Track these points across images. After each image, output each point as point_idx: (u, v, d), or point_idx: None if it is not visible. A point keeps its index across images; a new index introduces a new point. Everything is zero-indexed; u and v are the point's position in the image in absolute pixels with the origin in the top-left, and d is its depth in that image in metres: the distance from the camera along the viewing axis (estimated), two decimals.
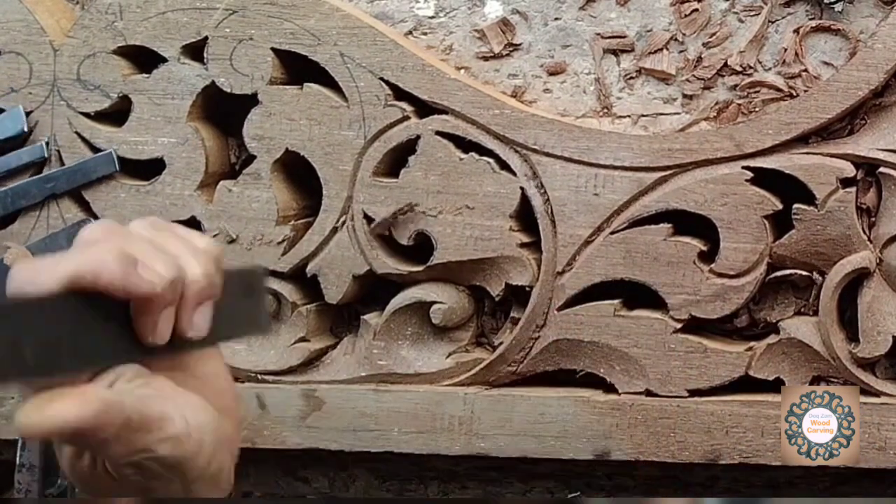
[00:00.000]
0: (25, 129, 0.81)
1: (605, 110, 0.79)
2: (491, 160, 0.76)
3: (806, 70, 0.75)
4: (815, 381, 0.75)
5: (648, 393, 0.76)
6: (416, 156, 0.77)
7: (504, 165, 0.76)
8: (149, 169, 0.81)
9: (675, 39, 0.77)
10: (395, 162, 0.78)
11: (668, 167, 0.74)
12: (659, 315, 0.75)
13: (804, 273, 0.74)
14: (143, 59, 0.81)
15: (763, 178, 0.74)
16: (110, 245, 0.48)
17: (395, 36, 0.79)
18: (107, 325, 0.48)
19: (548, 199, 0.76)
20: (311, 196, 0.81)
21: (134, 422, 0.45)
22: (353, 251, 0.78)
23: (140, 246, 0.48)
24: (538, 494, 0.86)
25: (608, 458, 0.76)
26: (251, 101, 0.79)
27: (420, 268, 0.77)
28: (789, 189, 0.74)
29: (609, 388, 0.77)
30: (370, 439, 0.78)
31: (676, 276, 0.75)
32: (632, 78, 0.78)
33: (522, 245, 0.77)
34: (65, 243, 0.81)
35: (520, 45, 0.80)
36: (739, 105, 0.76)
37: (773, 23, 0.76)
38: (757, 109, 0.76)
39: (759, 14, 0.76)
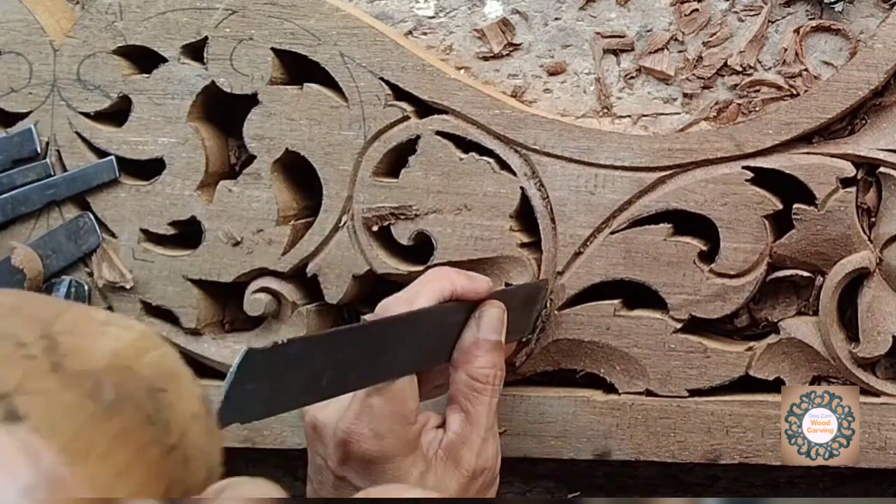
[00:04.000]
0: (39, 151, 0.81)
1: (605, 110, 0.79)
2: (491, 160, 0.76)
3: (806, 70, 0.75)
4: (815, 381, 0.75)
5: (648, 393, 0.76)
6: (416, 156, 0.77)
7: (504, 165, 0.76)
8: (149, 169, 0.81)
9: (675, 39, 0.77)
10: (395, 162, 0.78)
11: (668, 167, 0.74)
12: (659, 315, 0.75)
13: (804, 273, 0.74)
14: (143, 59, 0.81)
15: (763, 178, 0.74)
16: (444, 270, 0.70)
17: (395, 36, 0.79)
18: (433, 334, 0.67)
19: (548, 199, 0.76)
20: (311, 196, 0.81)
21: None
22: (353, 251, 0.78)
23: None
24: (538, 494, 0.86)
25: (608, 458, 0.76)
26: (251, 101, 0.79)
27: (420, 268, 0.77)
28: (789, 189, 0.74)
29: (609, 388, 0.77)
30: None
31: (676, 276, 0.75)
32: (632, 78, 0.78)
33: (522, 245, 0.77)
34: (63, 239, 0.81)
35: (520, 45, 0.80)
36: (739, 105, 0.76)
37: (773, 23, 0.76)
38: (757, 109, 0.76)
39: (759, 14, 0.76)
